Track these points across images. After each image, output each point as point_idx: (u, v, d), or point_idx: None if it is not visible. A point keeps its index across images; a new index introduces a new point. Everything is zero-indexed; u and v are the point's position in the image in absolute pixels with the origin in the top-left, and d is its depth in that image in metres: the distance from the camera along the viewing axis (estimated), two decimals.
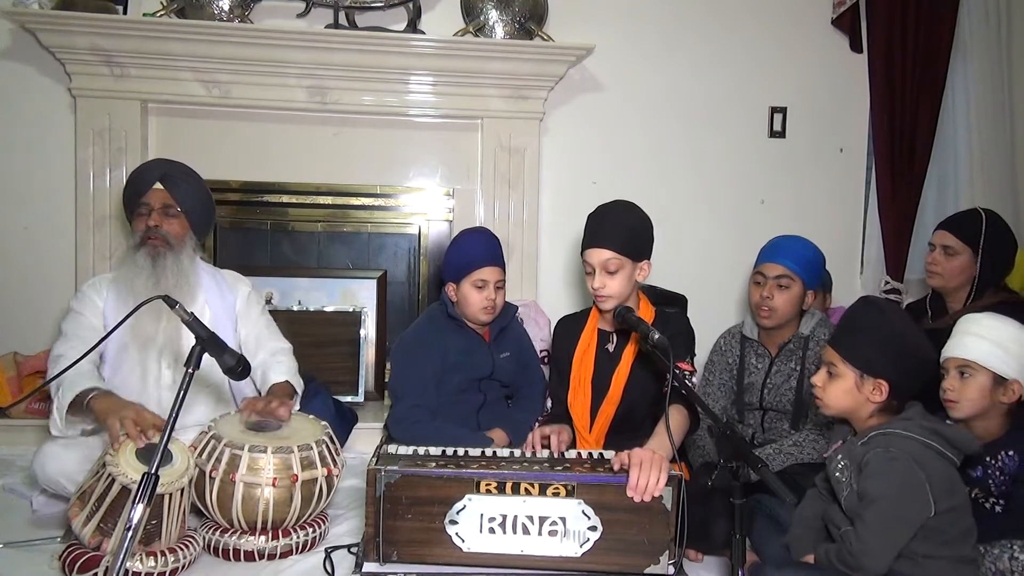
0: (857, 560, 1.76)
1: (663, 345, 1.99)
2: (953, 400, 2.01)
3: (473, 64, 3.44)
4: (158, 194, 2.44)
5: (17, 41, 3.34)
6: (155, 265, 2.38)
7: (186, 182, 2.48)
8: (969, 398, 1.99)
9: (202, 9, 3.34)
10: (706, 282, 3.59)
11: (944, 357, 2.03)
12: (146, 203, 2.44)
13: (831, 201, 3.84)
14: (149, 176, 2.46)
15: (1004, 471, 1.98)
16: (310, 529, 2.21)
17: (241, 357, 1.87)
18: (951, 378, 2.02)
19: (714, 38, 3.70)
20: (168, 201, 2.45)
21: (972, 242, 2.60)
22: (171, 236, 2.43)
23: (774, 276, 2.53)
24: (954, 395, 2.01)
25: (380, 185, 3.60)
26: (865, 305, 1.94)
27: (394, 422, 2.54)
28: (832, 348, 1.91)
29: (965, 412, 2.01)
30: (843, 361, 1.87)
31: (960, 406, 2.01)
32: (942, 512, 1.76)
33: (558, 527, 1.90)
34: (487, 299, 2.56)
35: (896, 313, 1.95)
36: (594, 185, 3.65)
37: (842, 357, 1.88)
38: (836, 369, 1.89)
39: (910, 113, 3.64)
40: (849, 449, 1.88)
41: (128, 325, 2.36)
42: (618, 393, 2.35)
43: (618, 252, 2.26)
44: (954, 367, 2.01)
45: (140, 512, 1.56)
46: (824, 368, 1.93)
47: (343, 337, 3.47)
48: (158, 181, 2.44)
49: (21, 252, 3.43)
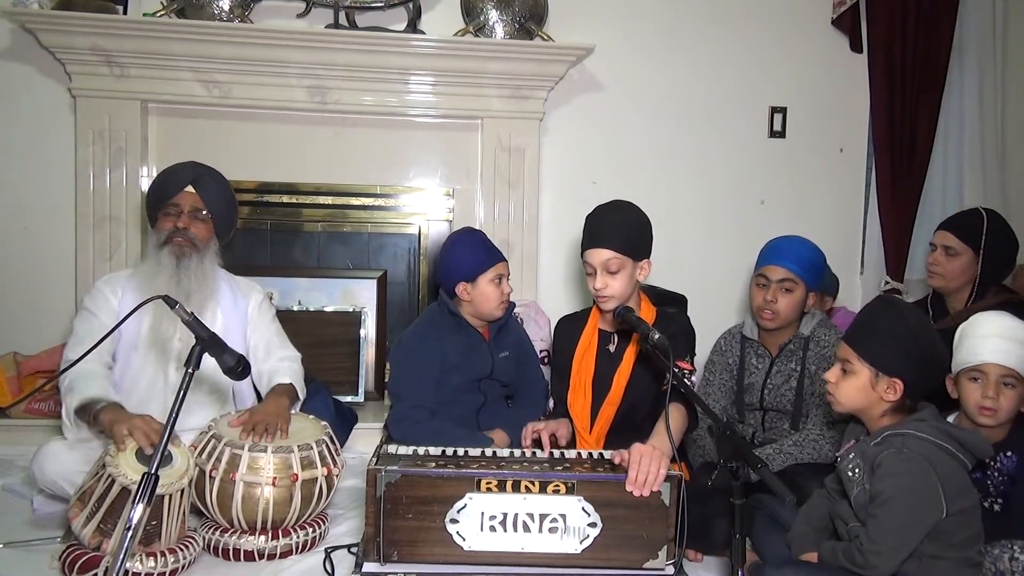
0: (867, 559, 1.76)
1: (663, 345, 1.99)
2: (994, 408, 1.94)
3: (473, 64, 3.44)
4: (189, 196, 2.43)
5: (17, 41, 3.34)
6: (179, 265, 2.38)
7: (217, 187, 2.48)
8: (1008, 408, 1.95)
9: (202, 9, 3.34)
10: (706, 282, 3.59)
11: (981, 361, 1.95)
12: (176, 204, 2.43)
13: (831, 201, 3.84)
14: (182, 178, 2.44)
15: (1003, 472, 1.98)
16: (310, 529, 2.21)
17: (241, 357, 1.86)
18: (991, 386, 1.94)
19: (714, 38, 3.70)
20: (198, 204, 2.44)
21: (973, 242, 2.59)
22: (198, 239, 2.42)
23: (778, 279, 2.52)
24: (994, 403, 1.94)
25: (380, 185, 3.60)
26: (883, 305, 1.93)
27: (394, 422, 2.54)
28: (848, 345, 1.90)
29: (1001, 420, 1.96)
30: (859, 359, 1.86)
31: (999, 415, 1.95)
32: (953, 514, 1.76)
33: (558, 524, 1.90)
34: (504, 293, 2.58)
35: (914, 314, 1.92)
36: (594, 185, 3.65)
37: (858, 355, 1.86)
38: (851, 366, 1.88)
39: (910, 113, 3.65)
40: (862, 449, 1.88)
41: (146, 325, 2.38)
42: (619, 394, 2.35)
43: (619, 252, 2.26)
44: (996, 375, 1.94)
45: (140, 512, 1.56)
46: (838, 365, 1.92)
47: (343, 337, 3.47)
48: (190, 184, 2.43)
49: (21, 252, 3.43)
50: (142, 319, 2.35)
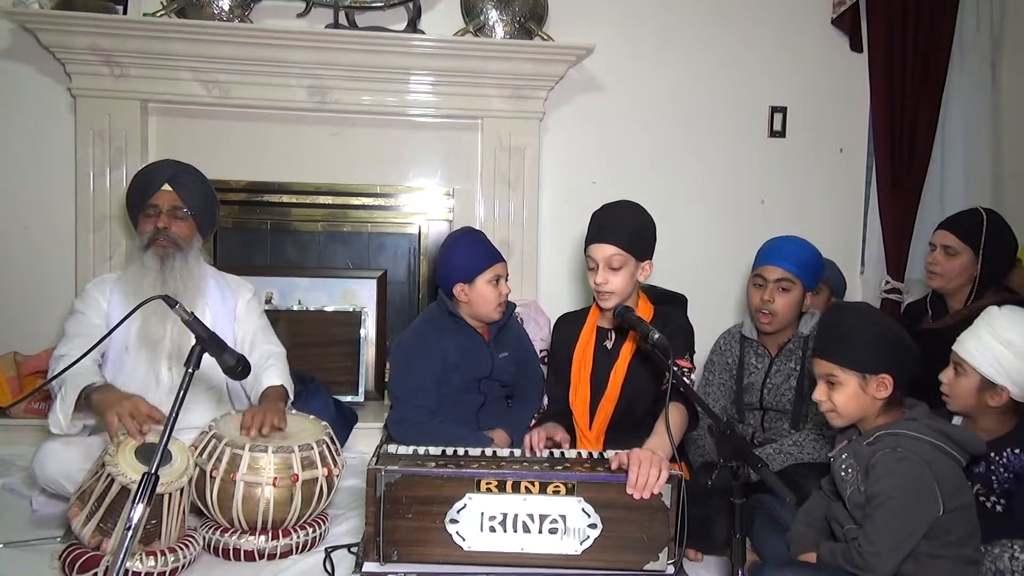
0: (866, 560, 1.76)
1: (663, 344, 1.99)
2: (946, 394, 2.03)
3: (473, 64, 3.44)
4: (166, 195, 2.42)
5: (17, 41, 3.34)
6: (163, 267, 2.37)
7: (194, 183, 2.47)
8: (957, 395, 2.02)
9: (202, 9, 3.33)
10: (706, 282, 3.58)
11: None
12: (154, 204, 2.42)
13: (831, 201, 3.83)
14: (158, 177, 2.43)
15: (1009, 468, 1.98)
16: (310, 529, 2.22)
17: (241, 357, 1.86)
18: (947, 371, 2.03)
19: (714, 38, 3.70)
20: (176, 203, 2.43)
21: (973, 242, 2.59)
22: (180, 238, 2.42)
23: (774, 279, 2.53)
24: (947, 388, 2.03)
25: (380, 185, 3.60)
26: (839, 311, 1.97)
27: (394, 423, 2.54)
28: (825, 360, 1.90)
29: (955, 407, 2.03)
30: (842, 368, 1.87)
31: (951, 401, 2.04)
32: (950, 511, 1.76)
33: (558, 525, 1.90)
34: (502, 294, 2.58)
35: (870, 309, 2.02)
36: (594, 185, 3.64)
37: (840, 365, 1.87)
38: (836, 378, 1.88)
39: (910, 113, 3.64)
40: (855, 449, 1.88)
41: (135, 327, 2.37)
42: (616, 390, 2.35)
43: (623, 248, 2.26)
44: (952, 361, 2.03)
45: (140, 512, 1.56)
46: (822, 383, 1.92)
47: (343, 337, 3.47)
48: (167, 182, 2.42)
49: (21, 252, 3.43)
50: (131, 321, 2.31)
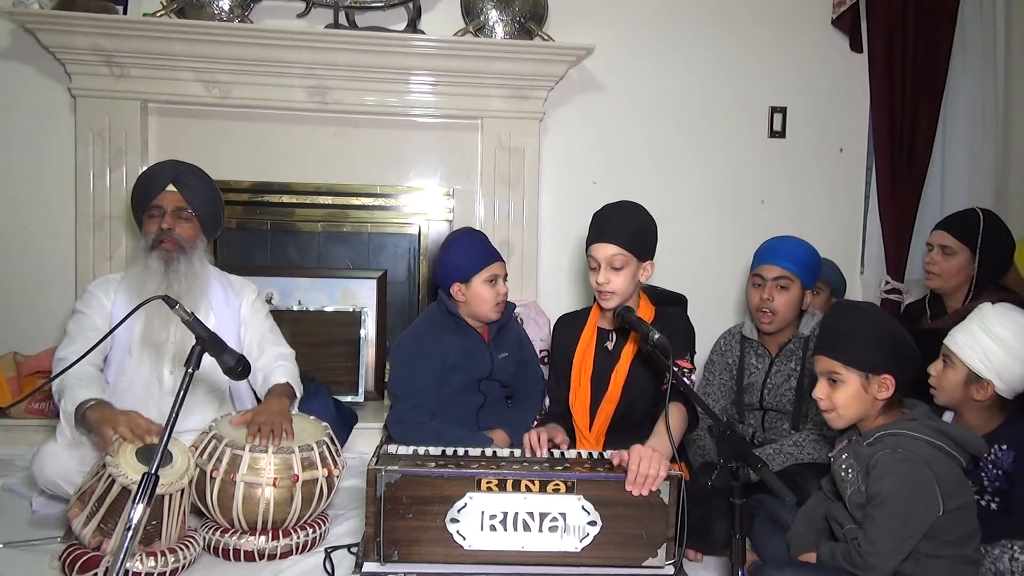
0: (866, 560, 1.76)
1: (663, 345, 2.00)
2: (933, 386, 2.04)
3: (473, 64, 3.44)
4: (170, 196, 2.41)
5: (17, 41, 3.34)
6: (168, 269, 2.35)
7: (198, 184, 2.46)
8: (944, 387, 2.03)
9: (202, 9, 3.34)
10: (706, 282, 3.58)
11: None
12: (158, 205, 2.41)
13: (831, 201, 3.84)
14: (162, 178, 2.42)
15: (997, 465, 1.98)
16: (310, 529, 2.22)
17: (241, 357, 1.87)
18: (936, 363, 2.04)
19: (714, 38, 3.70)
20: (181, 204, 2.42)
21: (970, 242, 2.60)
22: (184, 239, 2.40)
23: (773, 278, 2.54)
24: (935, 381, 2.04)
25: (380, 185, 3.60)
26: (844, 309, 1.96)
27: (394, 423, 2.54)
28: (828, 357, 1.90)
29: (942, 400, 2.04)
30: (845, 367, 1.87)
31: (938, 394, 2.04)
32: (950, 511, 1.77)
33: (558, 523, 1.91)
34: (499, 294, 2.57)
35: (871, 308, 2.01)
36: (594, 185, 3.65)
37: (843, 363, 1.87)
38: (839, 376, 1.88)
39: (910, 113, 3.64)
40: (855, 449, 1.88)
41: (138, 329, 2.37)
42: (617, 391, 2.35)
43: (625, 248, 2.26)
44: (942, 354, 2.04)
45: (140, 512, 1.56)
46: (823, 380, 1.92)
47: (343, 337, 3.47)
48: (171, 183, 2.41)
49: (21, 252, 3.43)
50: (134, 323, 2.33)
